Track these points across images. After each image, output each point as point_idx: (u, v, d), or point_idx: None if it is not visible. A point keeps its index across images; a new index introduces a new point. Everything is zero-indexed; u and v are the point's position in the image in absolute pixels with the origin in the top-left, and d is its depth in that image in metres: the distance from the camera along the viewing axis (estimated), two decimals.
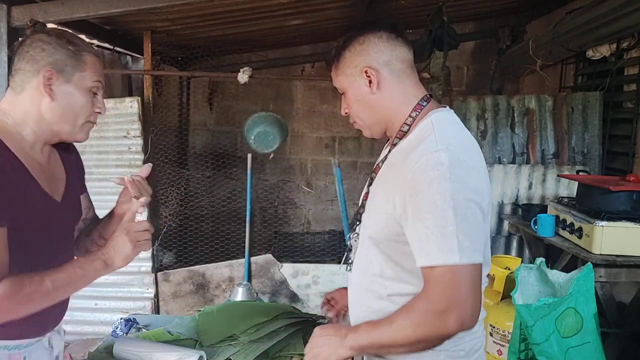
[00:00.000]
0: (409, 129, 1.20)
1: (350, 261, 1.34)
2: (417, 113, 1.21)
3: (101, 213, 1.56)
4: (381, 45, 1.21)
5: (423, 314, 1.07)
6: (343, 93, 1.27)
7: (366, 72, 1.20)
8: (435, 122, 1.16)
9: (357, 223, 1.32)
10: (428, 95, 1.25)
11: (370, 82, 1.20)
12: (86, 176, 1.55)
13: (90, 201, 1.54)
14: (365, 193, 1.31)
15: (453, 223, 1.03)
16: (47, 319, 1.34)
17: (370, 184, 1.30)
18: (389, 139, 1.30)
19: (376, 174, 1.28)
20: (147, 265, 3.75)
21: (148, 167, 1.40)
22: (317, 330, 1.24)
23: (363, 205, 1.30)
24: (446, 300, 1.04)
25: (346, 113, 1.30)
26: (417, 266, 1.09)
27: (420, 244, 1.08)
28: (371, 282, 1.23)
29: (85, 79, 1.26)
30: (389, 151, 1.24)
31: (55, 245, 1.29)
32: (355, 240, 1.32)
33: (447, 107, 1.25)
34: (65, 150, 1.41)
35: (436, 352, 1.15)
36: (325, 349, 1.18)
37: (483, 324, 1.27)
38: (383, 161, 1.26)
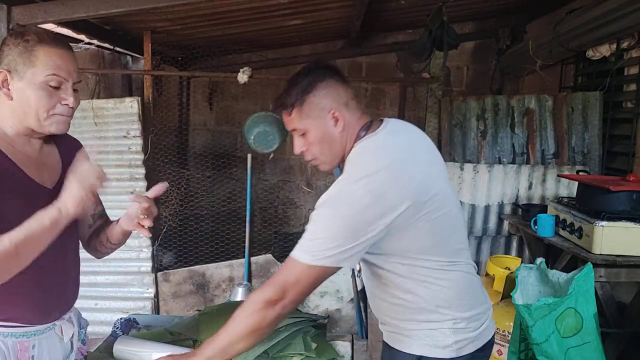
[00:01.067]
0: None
1: (359, 269, 1.48)
2: (353, 145, 1.35)
3: None
4: (339, 88, 1.36)
5: (265, 294, 1.22)
6: (303, 134, 1.36)
7: (333, 113, 1.33)
8: (359, 150, 1.32)
9: None
10: (369, 123, 1.37)
11: (336, 121, 1.33)
12: None
13: (98, 197, 1.56)
14: None
15: (320, 234, 1.22)
16: (51, 304, 1.35)
17: None
18: None
19: None
20: (147, 265, 3.75)
21: (163, 186, 1.41)
22: None
23: None
24: (284, 289, 1.22)
25: (302, 152, 1.39)
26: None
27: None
28: (376, 283, 1.39)
29: (37, 75, 1.24)
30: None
31: None
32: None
33: (384, 126, 1.34)
34: (66, 143, 1.44)
35: (445, 330, 1.31)
36: None
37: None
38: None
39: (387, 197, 1.20)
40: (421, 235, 1.26)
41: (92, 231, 1.54)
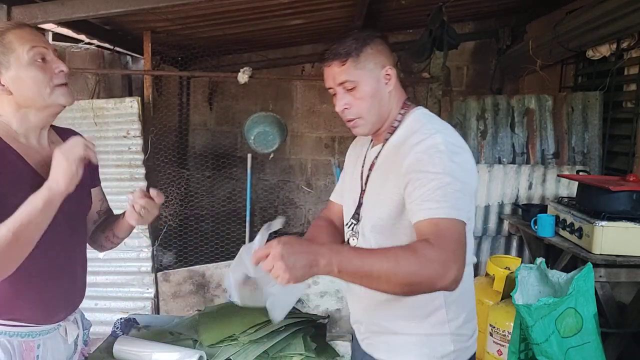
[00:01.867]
0: (398, 125, 1.33)
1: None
2: (405, 110, 1.35)
3: None
4: (390, 51, 1.34)
5: (428, 259, 1.06)
6: (352, 88, 1.30)
7: (387, 70, 1.31)
8: (422, 115, 1.33)
9: (355, 222, 1.38)
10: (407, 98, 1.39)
11: (389, 79, 1.31)
12: None
13: (103, 194, 1.57)
14: (362, 191, 1.37)
15: (452, 187, 1.13)
16: (57, 305, 1.35)
17: (366, 182, 1.36)
18: (372, 139, 1.43)
19: (371, 170, 1.35)
20: (147, 265, 3.75)
21: (159, 197, 1.40)
22: (283, 239, 1.05)
23: (360, 204, 1.37)
24: (452, 253, 1.07)
25: (344, 109, 1.32)
26: (416, 220, 1.14)
27: (422, 202, 1.14)
28: None
29: (20, 56, 1.25)
30: (383, 146, 1.34)
31: (57, 226, 1.29)
32: (355, 238, 1.37)
33: (420, 106, 1.38)
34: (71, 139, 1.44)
35: (445, 337, 1.28)
36: (300, 260, 1.02)
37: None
38: (377, 157, 1.35)
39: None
40: None
41: (96, 226, 1.55)
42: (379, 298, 1.30)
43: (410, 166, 1.19)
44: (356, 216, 1.38)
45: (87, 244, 1.55)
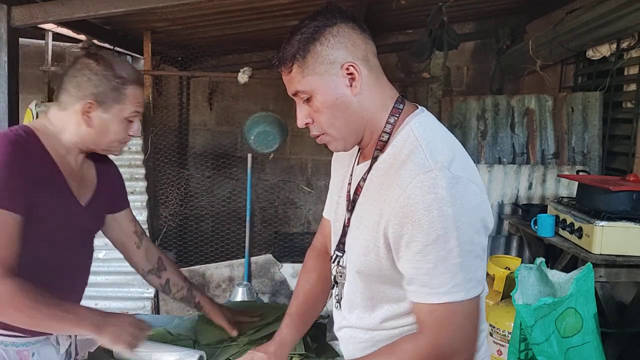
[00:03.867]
0: (388, 138, 1.03)
1: (338, 298, 1.16)
2: (396, 118, 1.03)
3: None
4: (356, 38, 1.01)
5: (430, 356, 0.94)
6: (307, 98, 1.02)
7: (347, 68, 0.99)
8: (418, 131, 1.00)
9: (341, 255, 1.13)
10: (401, 97, 1.07)
11: (352, 80, 1.00)
12: None
13: (133, 216, 1.62)
14: (348, 218, 1.11)
15: (457, 255, 0.91)
16: None
17: (352, 208, 1.09)
18: (360, 150, 1.12)
19: (358, 195, 1.07)
20: None
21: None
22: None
23: (345, 233, 1.12)
24: (455, 343, 0.93)
25: (307, 124, 1.06)
26: (413, 301, 0.98)
27: (419, 279, 0.94)
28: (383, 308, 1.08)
29: (124, 110, 1.33)
30: (370, 166, 1.05)
31: (71, 246, 1.35)
32: (341, 275, 1.14)
33: (421, 108, 1.08)
34: (103, 162, 1.49)
35: None
36: None
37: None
38: (364, 179, 1.06)
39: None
40: None
41: (152, 267, 1.65)
42: (365, 336, 1.12)
43: (400, 216, 0.93)
44: (341, 246, 1.13)
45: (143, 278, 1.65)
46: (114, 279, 3.71)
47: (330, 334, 1.83)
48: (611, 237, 2.54)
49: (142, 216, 3.63)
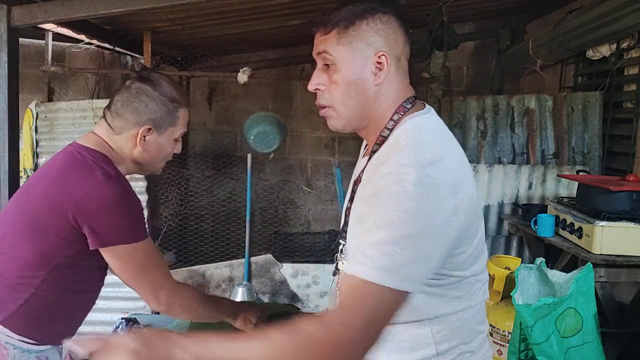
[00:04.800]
0: (389, 134, 1.03)
1: (339, 285, 1.13)
2: (400, 116, 1.04)
3: None
4: (399, 35, 1.04)
5: (315, 341, 0.85)
6: (330, 65, 1.03)
7: (379, 57, 1.01)
8: (411, 130, 0.99)
9: (343, 243, 1.12)
10: (414, 97, 1.08)
11: (379, 70, 1.02)
12: None
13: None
14: (347, 208, 1.12)
15: (404, 245, 0.87)
16: (69, 330, 1.46)
17: (351, 199, 1.10)
18: (366, 146, 1.14)
19: (357, 186, 1.09)
20: None
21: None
22: (139, 334, 0.91)
23: (346, 223, 1.12)
24: (352, 330, 0.85)
25: (317, 90, 1.05)
26: (345, 273, 0.92)
27: (354, 250, 0.92)
28: None
29: (176, 132, 1.41)
30: (369, 159, 1.06)
31: (100, 269, 1.53)
32: (344, 263, 1.12)
33: (428, 108, 1.08)
34: None
35: None
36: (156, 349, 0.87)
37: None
38: (363, 172, 1.07)
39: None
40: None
41: None
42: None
43: (369, 203, 0.93)
44: (343, 235, 1.12)
45: None
46: (114, 278, 3.69)
47: None
48: (611, 237, 2.54)
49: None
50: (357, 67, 1.01)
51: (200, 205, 5.08)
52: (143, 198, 3.65)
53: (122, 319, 1.86)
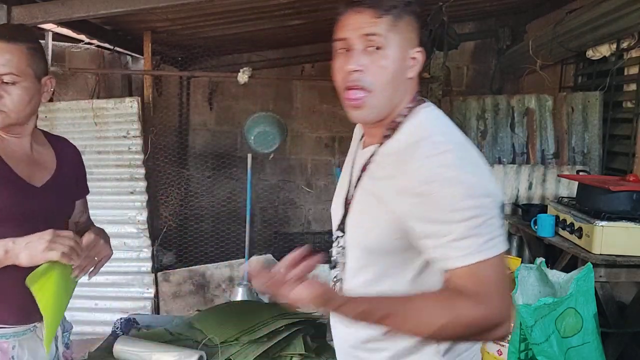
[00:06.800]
0: (402, 121, 1.08)
1: (336, 279, 1.15)
2: (413, 105, 1.10)
3: (100, 212, 1.57)
4: (427, 44, 1.19)
5: (467, 319, 0.93)
6: (378, 48, 1.03)
7: (418, 52, 1.07)
8: (430, 120, 1.08)
9: (341, 235, 1.15)
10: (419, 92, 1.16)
11: (413, 65, 1.07)
12: (87, 176, 1.59)
13: (86, 206, 1.59)
14: (351, 195, 1.14)
15: (477, 211, 0.96)
16: (30, 305, 1.28)
17: (355, 186, 1.13)
18: (363, 136, 1.19)
19: (364, 172, 1.11)
20: (147, 265, 3.75)
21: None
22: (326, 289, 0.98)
23: (347, 212, 1.14)
24: (496, 307, 0.94)
25: (358, 71, 1.04)
26: (446, 268, 0.97)
27: (448, 245, 0.95)
28: None
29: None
30: (379, 147, 1.10)
31: (37, 226, 1.28)
32: (342, 255, 1.15)
33: (431, 103, 1.15)
34: (66, 148, 1.50)
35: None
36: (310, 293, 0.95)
37: None
38: (371, 159, 1.11)
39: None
40: None
41: None
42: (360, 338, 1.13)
43: (415, 194, 0.97)
44: (342, 227, 1.14)
45: None
46: (114, 279, 3.71)
47: (330, 334, 1.83)
48: (611, 237, 2.54)
49: (142, 216, 3.63)
50: (402, 58, 1.05)
51: (200, 206, 5.08)
52: (143, 198, 3.65)
53: (121, 319, 1.86)
